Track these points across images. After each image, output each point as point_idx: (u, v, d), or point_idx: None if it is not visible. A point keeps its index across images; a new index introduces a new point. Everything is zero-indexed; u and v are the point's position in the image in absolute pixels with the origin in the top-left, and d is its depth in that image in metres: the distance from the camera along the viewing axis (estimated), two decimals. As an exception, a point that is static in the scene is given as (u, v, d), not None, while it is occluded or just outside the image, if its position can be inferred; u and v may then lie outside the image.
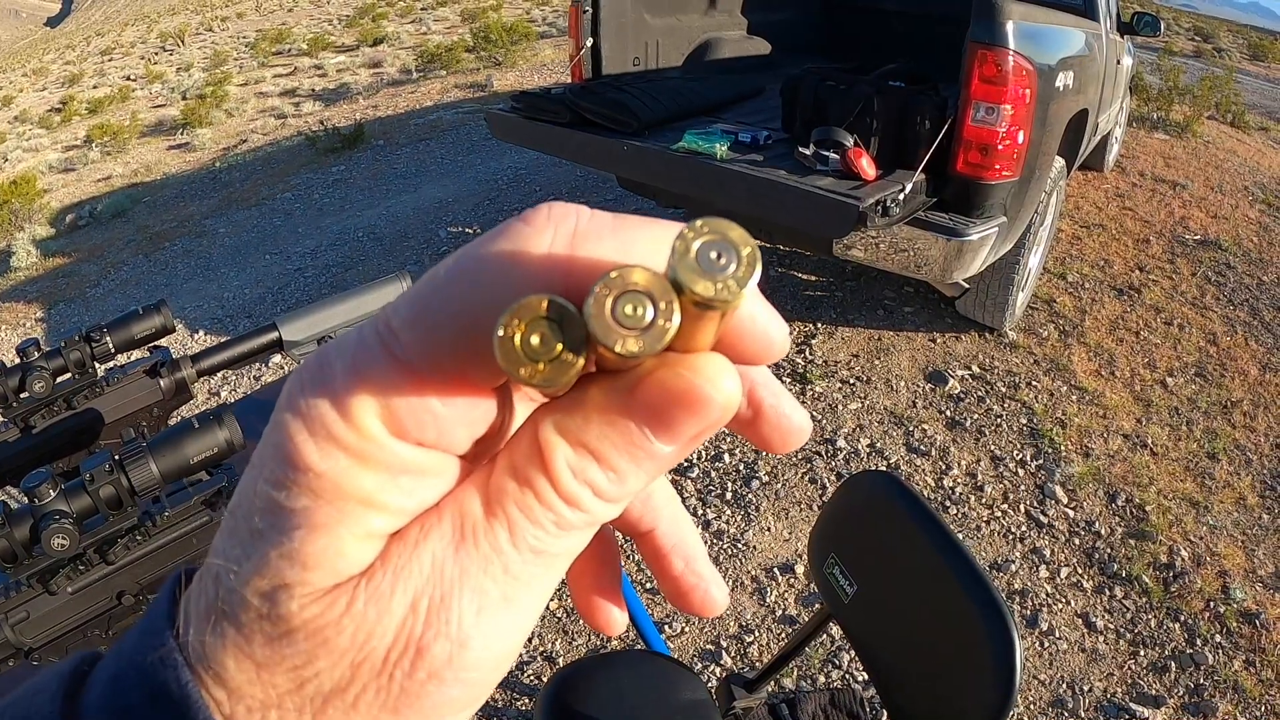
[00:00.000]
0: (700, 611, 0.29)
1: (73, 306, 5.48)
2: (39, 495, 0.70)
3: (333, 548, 0.21)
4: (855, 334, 3.90)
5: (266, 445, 0.22)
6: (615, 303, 0.19)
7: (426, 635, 0.21)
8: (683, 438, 0.22)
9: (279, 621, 0.21)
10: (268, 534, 0.21)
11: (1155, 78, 9.26)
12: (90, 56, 30.25)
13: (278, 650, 0.21)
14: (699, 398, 0.21)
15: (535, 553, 0.22)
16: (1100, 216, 5.42)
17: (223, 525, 0.23)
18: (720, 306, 0.19)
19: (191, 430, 0.77)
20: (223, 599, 0.22)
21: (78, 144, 11.88)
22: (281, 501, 0.21)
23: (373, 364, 0.21)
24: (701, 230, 0.20)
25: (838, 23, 5.72)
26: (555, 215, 0.22)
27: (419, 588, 0.22)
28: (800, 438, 0.26)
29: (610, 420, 0.21)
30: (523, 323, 0.20)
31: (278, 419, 0.22)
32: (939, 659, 1.06)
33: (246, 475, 0.22)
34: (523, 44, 11.74)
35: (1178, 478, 3.05)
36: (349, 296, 1.21)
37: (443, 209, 5.92)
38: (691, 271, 0.19)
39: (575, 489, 0.22)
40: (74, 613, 0.80)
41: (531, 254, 0.21)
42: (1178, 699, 2.24)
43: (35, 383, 0.95)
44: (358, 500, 0.21)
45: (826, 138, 3.00)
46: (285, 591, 0.21)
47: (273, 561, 0.21)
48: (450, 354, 0.21)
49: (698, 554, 0.30)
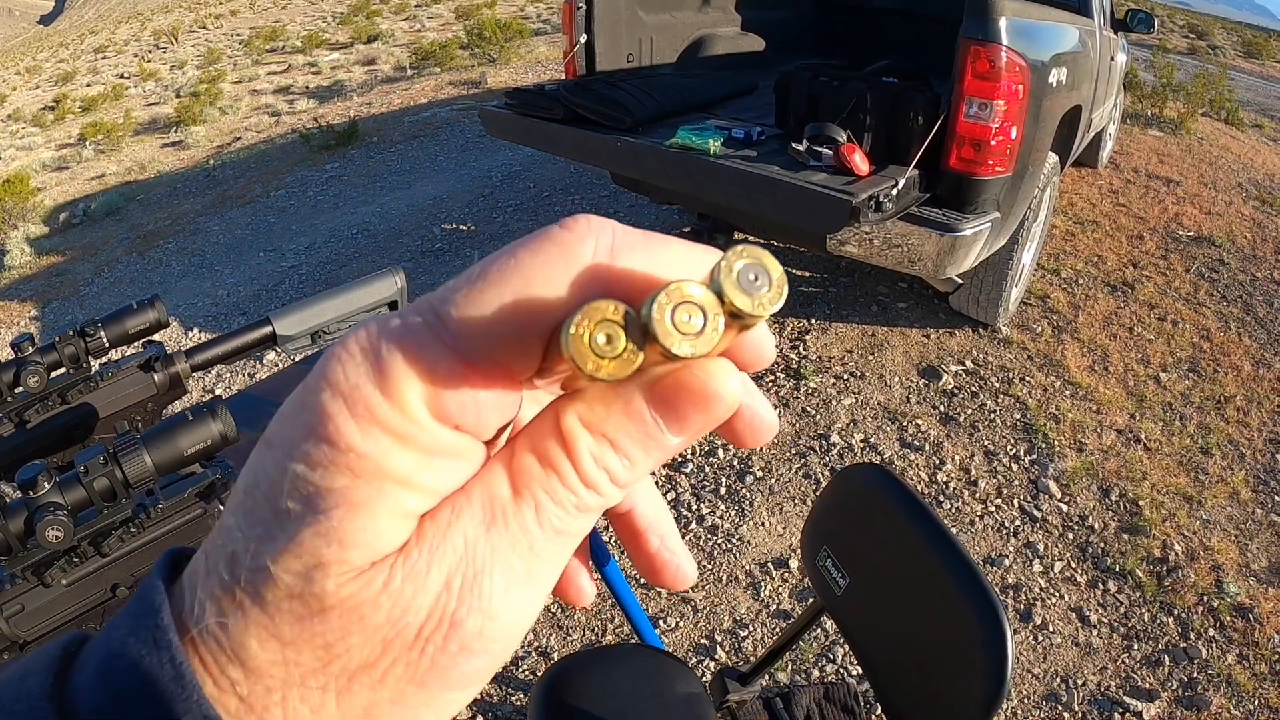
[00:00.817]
0: (672, 585, 0.31)
1: (67, 305, 5.47)
2: (34, 488, 0.70)
3: (371, 526, 0.22)
4: (849, 329, 3.90)
5: (294, 423, 0.22)
6: (675, 310, 0.22)
7: (460, 610, 0.23)
8: (690, 429, 0.24)
9: (313, 600, 0.22)
10: (301, 514, 0.22)
11: (1149, 75, 9.28)
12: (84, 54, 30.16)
13: (308, 628, 0.22)
14: (709, 395, 0.23)
15: (557, 532, 0.24)
16: (1094, 213, 5.44)
17: (235, 505, 0.23)
18: (751, 321, 0.22)
19: (185, 423, 0.77)
20: (245, 579, 0.22)
21: (71, 142, 11.85)
22: (317, 481, 0.22)
23: (422, 348, 0.22)
24: (742, 254, 0.22)
25: (831, 20, 5.72)
26: (595, 226, 0.24)
27: (453, 565, 0.23)
28: (769, 433, 0.27)
29: (628, 412, 0.23)
30: (592, 323, 0.22)
31: (311, 400, 0.22)
32: (931, 651, 1.06)
33: (264, 456, 0.23)
34: (517, 41, 11.73)
35: (1171, 473, 3.06)
36: (342, 292, 1.21)
37: (437, 206, 5.92)
38: (734, 288, 0.22)
39: (594, 473, 0.24)
40: (69, 605, 0.79)
41: (580, 260, 0.23)
42: (1171, 693, 2.25)
43: (30, 378, 0.95)
44: (396, 480, 0.22)
45: (820, 134, 3.01)
46: (321, 570, 0.22)
47: (308, 540, 0.22)
48: (503, 347, 0.22)
49: (670, 531, 0.31)
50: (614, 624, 2.40)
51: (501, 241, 5.10)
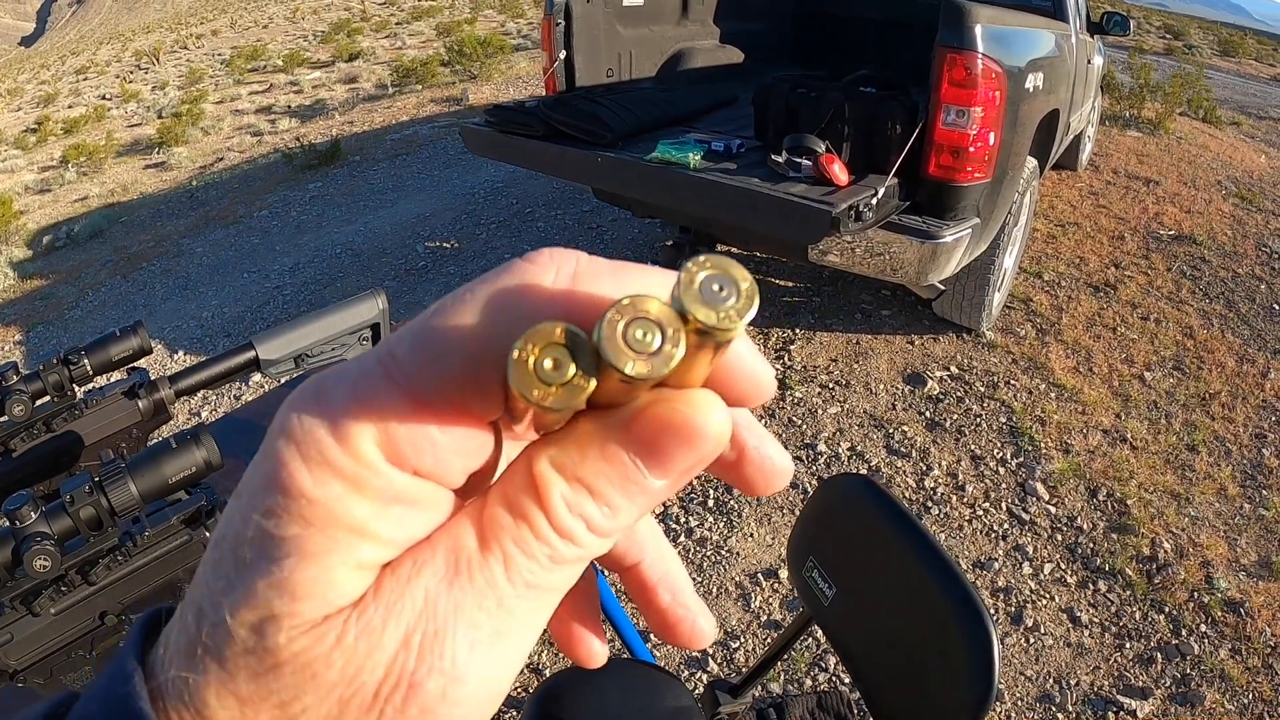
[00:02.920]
0: (688, 644, 0.30)
1: (51, 329, 5.44)
2: (20, 518, 0.70)
3: (323, 577, 0.21)
4: (833, 338, 3.92)
5: (255, 474, 0.22)
6: (627, 328, 0.20)
7: (420, 671, 0.21)
8: (674, 471, 0.22)
9: (266, 655, 0.21)
10: (255, 564, 0.21)
11: (1127, 76, 9.35)
12: (65, 76, 30.04)
13: (264, 685, 0.21)
14: (692, 430, 0.22)
15: (529, 586, 0.22)
16: (1075, 215, 5.48)
17: (206, 558, 0.23)
18: (719, 336, 0.20)
19: (169, 450, 0.77)
20: (206, 633, 0.21)
21: (54, 164, 11.79)
22: (270, 530, 0.21)
23: (373, 389, 0.21)
24: (704, 264, 0.21)
25: (809, 30, 5.75)
26: (557, 256, 0.23)
27: (411, 622, 0.21)
28: (783, 480, 0.26)
29: (604, 454, 0.22)
30: (537, 347, 0.20)
31: (268, 446, 0.22)
32: (919, 657, 1.07)
33: (232, 505, 0.22)
34: (497, 57, 11.73)
35: (1158, 471, 3.08)
36: (324, 314, 1.22)
37: (420, 224, 5.92)
38: (695, 301, 0.20)
39: (570, 522, 0.22)
40: (57, 634, 0.80)
41: (536, 289, 0.22)
42: (1165, 690, 2.26)
43: (14, 406, 0.95)
44: (350, 528, 0.21)
45: (799, 145, 3.03)
46: (273, 623, 0.21)
47: (260, 592, 0.21)
48: (454, 381, 0.21)
49: (684, 586, 0.30)
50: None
51: (485, 259, 5.12)
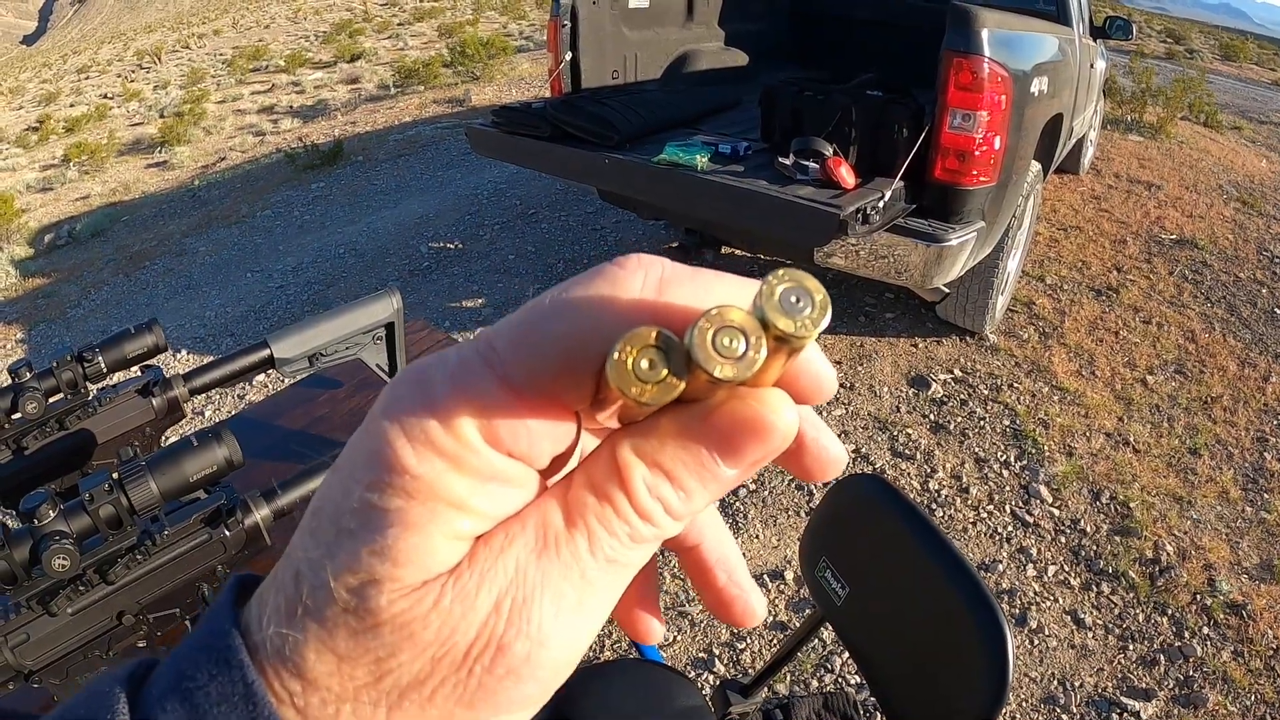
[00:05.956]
0: (741, 621, 0.31)
1: (53, 327, 5.43)
2: (38, 516, 0.69)
3: (424, 545, 0.23)
4: (838, 341, 3.92)
5: (358, 450, 0.24)
6: (715, 335, 0.22)
7: (508, 634, 0.23)
8: (745, 462, 0.24)
9: (367, 615, 0.23)
10: (359, 533, 0.23)
11: (1128, 81, 9.35)
12: (67, 75, 30.02)
13: (362, 643, 0.23)
14: (765, 426, 0.23)
15: (609, 562, 0.24)
16: (1077, 219, 5.48)
17: (303, 525, 0.24)
18: (795, 342, 0.22)
19: (191, 448, 0.77)
20: (307, 594, 0.23)
21: (55, 163, 11.77)
22: (375, 501, 0.23)
23: (474, 377, 0.23)
24: (783, 277, 0.23)
25: (813, 33, 5.75)
26: (645, 263, 0.25)
27: (503, 588, 0.23)
28: (837, 468, 0.28)
29: (684, 444, 0.24)
30: (635, 349, 0.22)
31: (373, 427, 0.24)
32: (932, 658, 1.07)
33: (330, 480, 0.24)
34: (500, 58, 11.74)
35: (1160, 474, 3.08)
36: (339, 314, 1.21)
37: (423, 224, 5.91)
38: (775, 310, 0.22)
39: (649, 505, 0.24)
40: (75, 634, 0.79)
41: (628, 293, 0.24)
42: (1168, 691, 2.26)
43: (28, 404, 0.95)
44: (449, 502, 0.23)
45: (805, 147, 3.03)
46: (375, 586, 0.22)
47: (364, 558, 0.23)
48: (550, 374, 0.23)
49: (738, 567, 0.32)
50: (611, 639, 2.39)
51: (488, 259, 5.12)
